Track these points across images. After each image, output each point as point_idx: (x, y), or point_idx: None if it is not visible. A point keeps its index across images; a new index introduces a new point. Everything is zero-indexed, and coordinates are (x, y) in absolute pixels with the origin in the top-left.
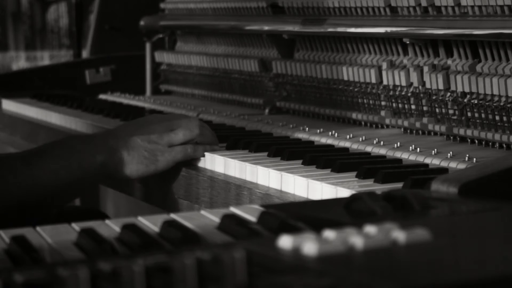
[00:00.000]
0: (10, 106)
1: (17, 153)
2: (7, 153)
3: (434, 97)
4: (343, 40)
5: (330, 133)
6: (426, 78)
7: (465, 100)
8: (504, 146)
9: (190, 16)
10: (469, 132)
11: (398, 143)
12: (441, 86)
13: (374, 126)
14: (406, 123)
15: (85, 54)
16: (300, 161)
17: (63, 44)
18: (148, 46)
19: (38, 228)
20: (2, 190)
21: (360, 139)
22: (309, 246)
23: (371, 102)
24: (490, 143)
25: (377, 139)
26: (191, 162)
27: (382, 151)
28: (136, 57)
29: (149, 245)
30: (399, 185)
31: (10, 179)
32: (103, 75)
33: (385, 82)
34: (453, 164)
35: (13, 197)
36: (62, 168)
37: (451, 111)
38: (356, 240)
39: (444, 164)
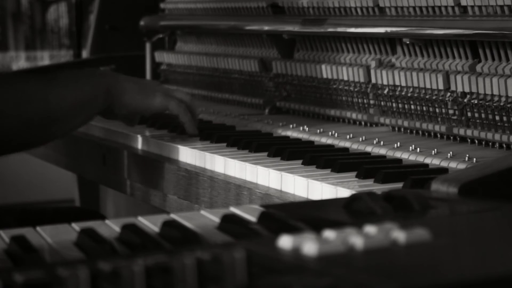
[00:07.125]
0: None
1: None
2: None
3: (434, 97)
4: (343, 40)
5: (330, 133)
6: (426, 78)
7: (465, 100)
8: (504, 146)
9: (190, 16)
10: (469, 132)
11: (398, 143)
12: (441, 86)
13: (374, 126)
14: (406, 123)
15: (85, 54)
16: (300, 161)
17: (63, 44)
18: (148, 46)
19: (38, 228)
20: (16, 99)
21: (360, 139)
22: (309, 246)
23: (371, 102)
24: (490, 143)
25: (377, 139)
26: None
27: (382, 151)
28: (136, 57)
29: (149, 245)
30: (399, 185)
31: (24, 91)
32: None
33: (385, 83)
34: (453, 164)
35: (26, 106)
36: (71, 89)
37: (451, 111)
38: (356, 240)
39: (444, 164)
